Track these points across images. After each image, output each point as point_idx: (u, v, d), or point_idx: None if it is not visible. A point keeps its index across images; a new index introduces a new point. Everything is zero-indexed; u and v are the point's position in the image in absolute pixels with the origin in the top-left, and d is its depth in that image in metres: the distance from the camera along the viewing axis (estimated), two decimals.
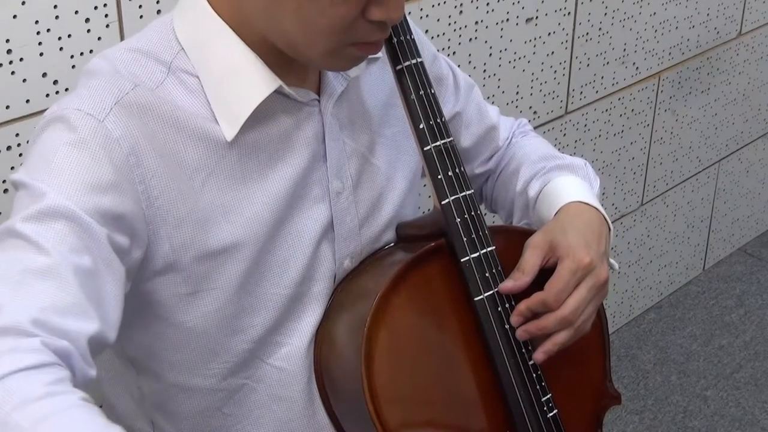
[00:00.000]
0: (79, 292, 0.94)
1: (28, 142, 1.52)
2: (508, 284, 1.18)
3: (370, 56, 1.13)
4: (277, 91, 1.10)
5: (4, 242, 0.96)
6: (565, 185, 1.30)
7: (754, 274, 3.18)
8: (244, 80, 1.09)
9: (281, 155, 1.13)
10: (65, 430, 0.84)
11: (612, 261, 1.29)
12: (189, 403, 1.19)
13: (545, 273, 1.19)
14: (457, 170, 1.18)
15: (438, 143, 1.18)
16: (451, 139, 1.19)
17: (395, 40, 1.17)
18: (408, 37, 1.18)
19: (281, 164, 1.14)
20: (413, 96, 1.17)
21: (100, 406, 0.92)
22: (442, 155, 1.18)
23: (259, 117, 1.11)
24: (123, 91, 1.05)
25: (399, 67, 1.18)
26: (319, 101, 1.16)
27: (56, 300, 0.92)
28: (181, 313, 1.12)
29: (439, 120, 1.18)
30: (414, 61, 1.18)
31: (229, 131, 1.09)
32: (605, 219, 1.28)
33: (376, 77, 1.24)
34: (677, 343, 2.89)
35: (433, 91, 1.19)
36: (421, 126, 1.18)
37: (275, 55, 1.09)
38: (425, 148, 1.18)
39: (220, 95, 1.09)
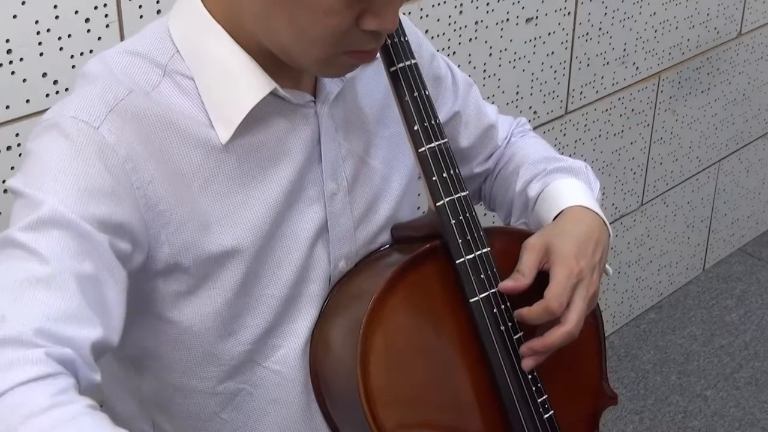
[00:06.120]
0: (80, 299, 0.95)
1: (28, 142, 1.53)
2: (509, 284, 1.18)
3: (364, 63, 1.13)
4: (273, 94, 1.10)
5: (2, 252, 0.96)
6: (565, 188, 1.30)
7: (754, 274, 3.18)
8: (239, 83, 1.09)
9: (277, 158, 1.14)
10: None
11: (607, 266, 1.29)
12: (187, 405, 1.19)
13: (541, 276, 1.19)
14: (451, 172, 1.18)
15: (432, 145, 1.18)
16: (445, 140, 1.19)
17: (389, 41, 1.17)
18: (402, 38, 1.18)
19: (278, 167, 1.14)
20: (407, 98, 1.17)
21: (101, 406, 0.93)
22: (436, 157, 1.18)
23: (255, 120, 1.11)
24: (118, 97, 1.05)
25: (393, 69, 1.18)
26: (314, 103, 1.16)
27: (58, 308, 0.93)
28: (178, 311, 1.13)
29: (433, 122, 1.18)
30: (408, 63, 1.18)
31: (224, 134, 1.09)
32: (605, 224, 1.28)
33: (372, 79, 1.24)
34: (677, 343, 2.90)
35: (427, 93, 1.19)
36: (415, 128, 1.18)
37: (270, 58, 1.09)
38: (420, 150, 1.18)
39: (216, 98, 1.09)
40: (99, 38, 1.56)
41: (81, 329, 0.94)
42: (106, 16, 1.56)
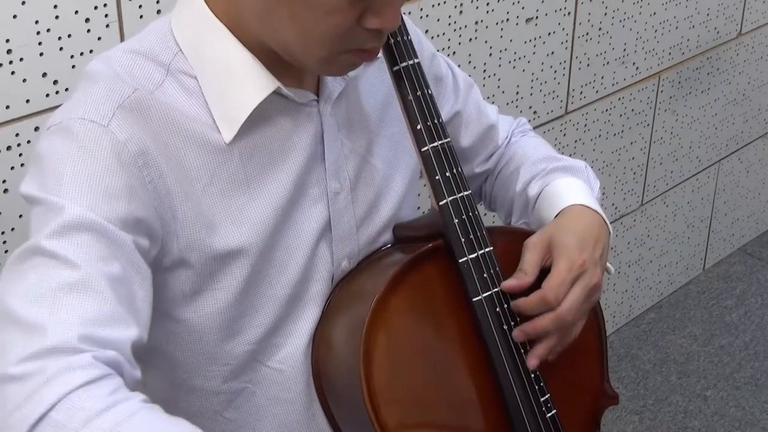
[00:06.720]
0: (114, 300, 0.96)
1: (29, 142, 1.53)
2: (511, 282, 1.18)
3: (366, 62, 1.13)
4: (276, 93, 1.10)
5: (30, 261, 0.96)
6: (566, 187, 1.30)
7: (754, 274, 3.18)
8: (242, 82, 1.09)
9: (281, 157, 1.14)
10: None
11: (608, 265, 1.29)
12: (191, 404, 1.19)
13: (543, 274, 1.19)
14: (454, 171, 1.18)
15: (435, 144, 1.18)
16: (448, 139, 1.19)
17: (392, 41, 1.17)
18: (405, 37, 1.18)
19: (281, 166, 1.14)
20: (410, 97, 1.18)
21: None
22: (439, 156, 1.18)
23: (258, 119, 1.11)
24: (124, 95, 1.05)
25: (396, 68, 1.18)
26: (317, 102, 1.16)
27: (95, 312, 0.94)
28: (183, 310, 1.13)
29: (436, 121, 1.18)
30: (411, 62, 1.18)
31: (228, 133, 1.09)
32: (605, 222, 1.28)
33: (375, 78, 1.24)
34: (677, 343, 2.90)
35: (430, 92, 1.19)
36: (418, 127, 1.18)
37: (273, 57, 1.09)
38: (423, 149, 1.18)
39: (219, 97, 1.09)
40: (99, 38, 1.56)
41: (120, 330, 0.95)
42: (106, 16, 1.56)
